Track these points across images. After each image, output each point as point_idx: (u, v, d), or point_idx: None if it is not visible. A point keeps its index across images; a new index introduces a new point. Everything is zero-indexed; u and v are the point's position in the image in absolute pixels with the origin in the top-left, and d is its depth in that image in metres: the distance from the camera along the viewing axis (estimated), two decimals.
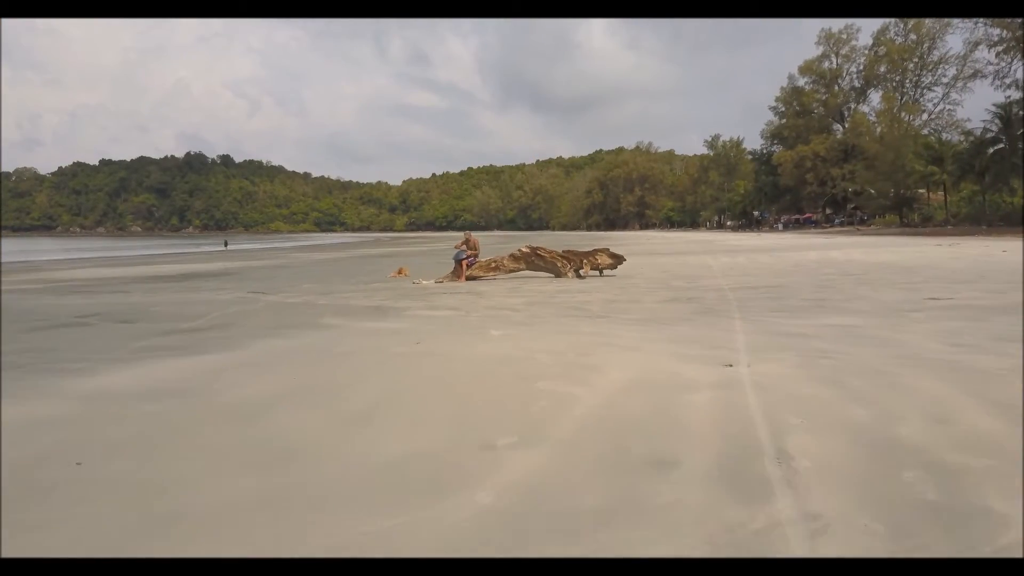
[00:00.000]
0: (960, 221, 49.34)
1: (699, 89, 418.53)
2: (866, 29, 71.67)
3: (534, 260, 11.75)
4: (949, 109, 64.18)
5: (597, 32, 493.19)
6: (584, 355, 3.89)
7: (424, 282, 11.72)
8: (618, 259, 11.61)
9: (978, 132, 46.56)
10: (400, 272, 13.29)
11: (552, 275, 11.82)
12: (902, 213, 56.25)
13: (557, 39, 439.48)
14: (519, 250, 11.88)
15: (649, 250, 25.29)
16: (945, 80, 64.36)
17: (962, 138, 50.32)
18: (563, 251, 11.92)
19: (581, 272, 11.56)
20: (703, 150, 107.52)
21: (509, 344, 4.46)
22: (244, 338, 5.27)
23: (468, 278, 11.83)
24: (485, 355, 3.99)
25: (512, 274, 12.09)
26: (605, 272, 11.77)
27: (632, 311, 6.46)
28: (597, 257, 11.56)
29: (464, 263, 11.80)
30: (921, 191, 56.42)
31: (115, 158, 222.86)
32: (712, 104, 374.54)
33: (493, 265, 11.90)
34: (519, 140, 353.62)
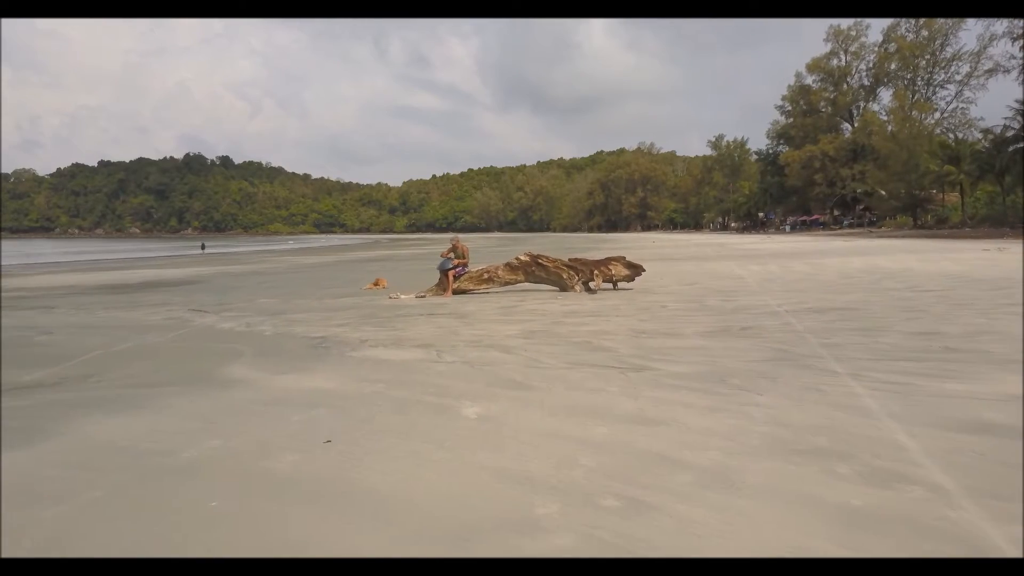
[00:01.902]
0: (977, 223, 47.26)
1: (699, 90, 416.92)
2: (876, 25, 69.71)
3: (534, 270, 9.79)
4: (962, 107, 62.35)
5: (597, 33, 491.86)
6: (636, 498, 1.93)
7: (403, 296, 9.77)
8: (636, 270, 9.63)
9: (997, 130, 44.52)
10: (376, 284, 11.33)
11: (556, 288, 9.86)
12: (916, 214, 54.15)
13: (557, 40, 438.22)
14: (517, 258, 9.91)
15: (659, 254, 23.27)
16: (958, 77, 62.55)
17: (981, 136, 48.19)
18: (570, 259, 9.95)
19: (592, 285, 9.58)
20: (704, 151, 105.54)
21: (488, 446, 2.50)
22: (65, 414, 3.31)
23: (455, 292, 9.88)
24: (437, 497, 2.01)
25: (508, 286, 10.13)
26: (620, 285, 9.81)
27: (677, 354, 4.49)
28: (611, 267, 9.58)
29: (451, 274, 9.84)
30: (934, 191, 54.21)
31: (118, 160, 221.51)
32: (712, 106, 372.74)
33: (485, 276, 9.93)
34: (519, 141, 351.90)
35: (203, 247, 51.99)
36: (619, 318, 6.60)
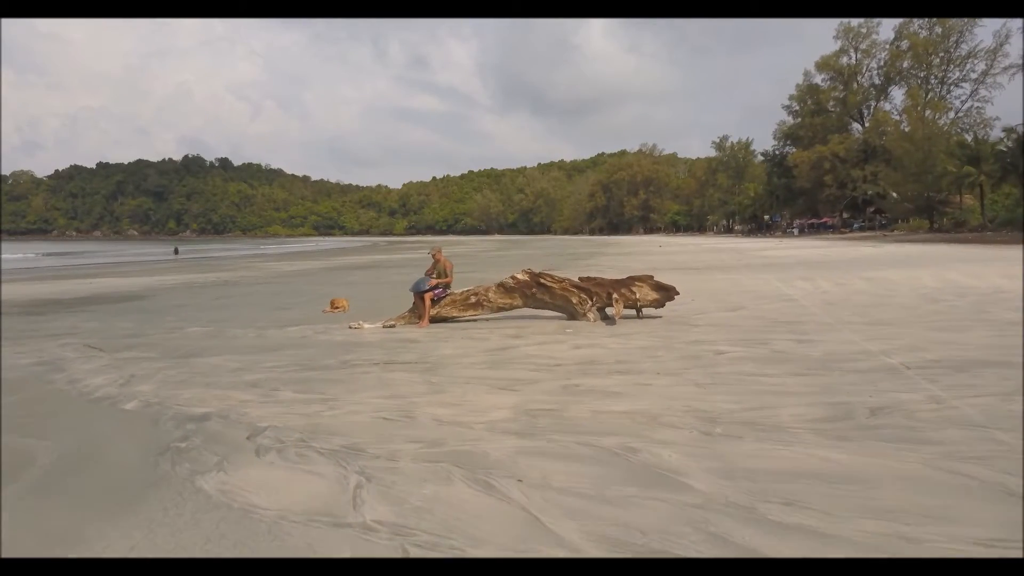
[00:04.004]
0: (999, 226, 45.04)
1: (700, 92, 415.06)
2: (887, 22, 67.36)
3: (535, 293, 7.59)
4: (978, 106, 60.20)
5: (597, 35, 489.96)
6: None
7: (366, 325, 7.59)
8: (667, 293, 7.42)
9: (1020, 129, 42.30)
10: (335, 306, 9.12)
11: (563, 315, 7.67)
12: (932, 217, 51.86)
13: (557, 42, 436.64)
14: (513, 277, 7.71)
15: (674, 262, 21.05)
16: (974, 75, 60.39)
17: (1003, 135, 45.90)
18: (581, 278, 7.75)
19: (610, 312, 7.38)
20: (705, 153, 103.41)
21: None
22: None
23: (434, 320, 7.69)
24: None
25: (501, 312, 7.93)
26: (645, 311, 7.60)
27: (812, 505, 2.29)
28: (634, 289, 7.38)
29: (428, 297, 7.65)
30: (950, 194, 51.83)
31: (115, 162, 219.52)
32: (713, 107, 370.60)
33: (473, 300, 7.73)
34: (520, 143, 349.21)
35: (176, 251, 49.37)
36: (663, 379, 4.41)
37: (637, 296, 7.31)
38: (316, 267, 25.45)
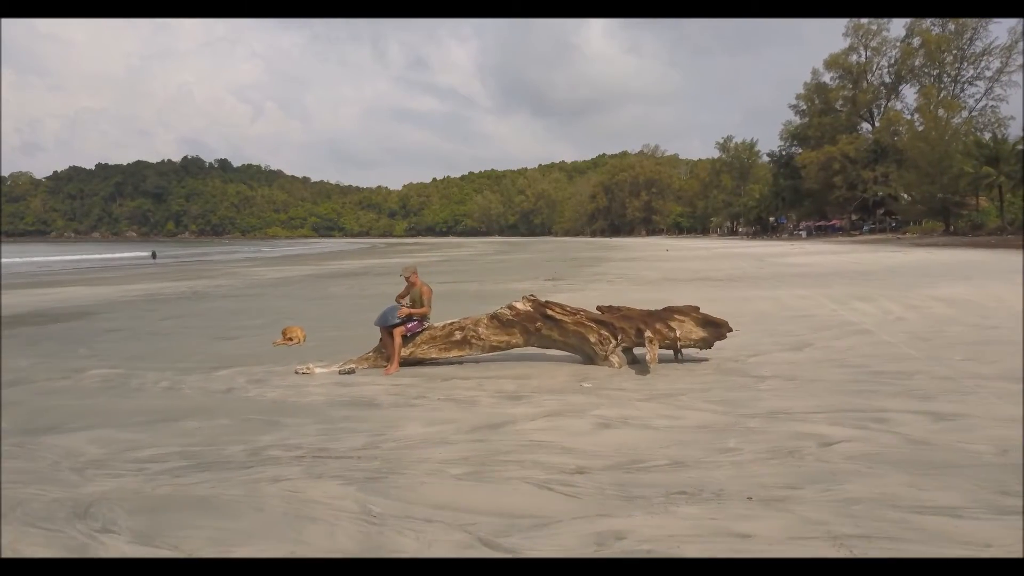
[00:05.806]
0: (1018, 228, 43.09)
1: (700, 93, 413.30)
2: (897, 19, 65.47)
3: (540, 328, 5.73)
4: (992, 105, 58.34)
5: (597, 35, 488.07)
6: None
7: (317, 370, 5.76)
8: (717, 331, 5.54)
9: None
10: (287, 338, 7.27)
11: (577, 356, 5.83)
12: (948, 220, 49.95)
13: (556, 43, 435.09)
14: (512, 307, 5.85)
15: (688, 269, 19.15)
16: (988, 73, 58.54)
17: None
18: (601, 308, 5.90)
19: (645, 357, 5.52)
20: (705, 154, 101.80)
21: None
22: None
23: (407, 362, 5.85)
24: None
25: (496, 352, 6.08)
26: (685, 351, 5.75)
27: None
28: (673, 325, 5.52)
29: (398, 333, 5.79)
30: (967, 195, 49.85)
31: (115, 163, 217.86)
32: (713, 109, 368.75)
33: (458, 337, 5.88)
34: (520, 144, 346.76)
35: (154, 255, 46.89)
36: (761, 514, 2.55)
37: (677, 334, 5.45)
38: (300, 274, 23.62)
